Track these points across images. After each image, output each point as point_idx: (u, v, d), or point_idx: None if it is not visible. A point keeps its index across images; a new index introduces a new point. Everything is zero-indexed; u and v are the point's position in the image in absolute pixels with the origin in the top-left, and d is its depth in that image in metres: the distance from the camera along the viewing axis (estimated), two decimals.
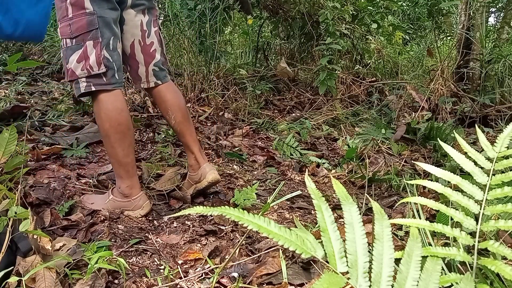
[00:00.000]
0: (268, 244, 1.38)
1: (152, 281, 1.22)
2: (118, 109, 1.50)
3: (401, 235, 1.45)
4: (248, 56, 4.76)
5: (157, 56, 1.70)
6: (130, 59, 1.68)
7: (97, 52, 1.45)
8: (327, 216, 0.81)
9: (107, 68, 1.47)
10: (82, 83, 1.47)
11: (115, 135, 1.50)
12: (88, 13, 1.44)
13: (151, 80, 1.71)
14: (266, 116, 3.40)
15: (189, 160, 1.80)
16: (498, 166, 0.94)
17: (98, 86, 1.48)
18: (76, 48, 1.45)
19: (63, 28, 1.47)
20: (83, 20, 1.44)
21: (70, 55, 1.46)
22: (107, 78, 1.48)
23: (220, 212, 0.79)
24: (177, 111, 1.73)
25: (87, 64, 1.45)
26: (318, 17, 3.72)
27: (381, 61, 4.62)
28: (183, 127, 1.75)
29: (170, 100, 1.73)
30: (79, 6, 1.44)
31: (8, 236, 1.06)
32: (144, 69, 1.69)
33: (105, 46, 1.47)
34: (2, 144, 1.11)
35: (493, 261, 0.78)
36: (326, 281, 0.67)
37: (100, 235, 1.45)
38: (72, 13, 1.45)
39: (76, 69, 1.46)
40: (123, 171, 1.57)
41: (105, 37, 1.47)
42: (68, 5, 1.44)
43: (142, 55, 1.67)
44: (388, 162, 2.38)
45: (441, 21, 5.75)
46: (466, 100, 3.62)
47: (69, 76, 1.48)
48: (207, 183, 1.75)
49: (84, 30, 1.44)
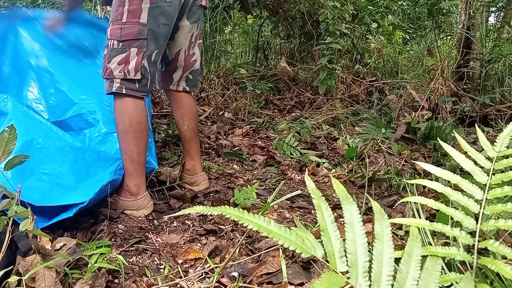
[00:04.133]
0: (268, 243, 1.38)
1: (152, 280, 1.22)
2: (139, 109, 1.58)
3: (401, 235, 1.45)
4: (248, 56, 4.75)
5: (196, 65, 1.82)
6: (171, 63, 1.79)
7: (138, 60, 1.53)
8: (327, 215, 0.81)
9: (142, 76, 1.55)
10: (115, 84, 1.54)
11: (133, 132, 1.56)
12: (141, 24, 1.52)
13: (181, 84, 1.82)
14: (266, 116, 3.40)
15: (187, 164, 1.92)
16: (498, 166, 0.94)
17: (129, 91, 1.55)
18: (121, 51, 1.52)
19: (114, 30, 1.53)
20: (135, 28, 1.52)
21: (114, 56, 1.53)
22: (140, 85, 1.56)
23: (220, 211, 0.79)
24: (192, 119, 1.86)
25: (126, 68, 1.52)
26: (318, 16, 3.72)
27: (381, 61, 4.62)
28: (192, 134, 1.87)
29: (188, 107, 1.85)
30: (135, 15, 1.52)
31: (8, 235, 1.06)
32: (180, 74, 1.80)
33: (147, 57, 1.55)
34: (2, 144, 1.10)
35: (493, 260, 0.78)
36: (326, 280, 0.67)
37: (100, 234, 1.45)
38: (126, 19, 1.52)
39: (115, 69, 1.53)
40: (134, 169, 1.60)
41: (149, 49, 1.55)
42: (125, 11, 1.52)
43: (183, 62, 1.79)
44: (388, 162, 2.38)
45: (441, 20, 5.75)
46: (466, 99, 3.62)
47: (107, 74, 1.55)
48: (198, 190, 1.91)
49: (133, 37, 1.52)
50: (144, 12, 1.51)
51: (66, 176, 1.58)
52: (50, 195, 1.48)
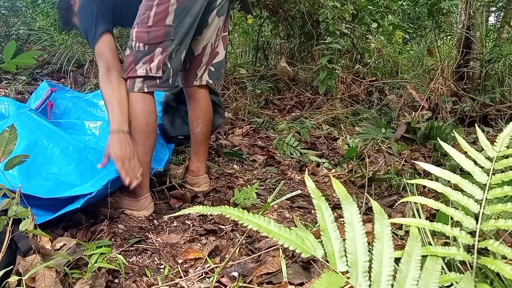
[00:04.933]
0: (268, 243, 1.38)
1: (152, 280, 1.22)
2: (149, 110, 1.58)
3: (401, 235, 1.45)
4: (248, 56, 4.75)
5: (218, 57, 1.81)
6: (195, 58, 1.77)
7: (161, 58, 1.54)
8: (327, 215, 0.81)
9: (163, 73, 1.55)
10: (137, 84, 1.55)
11: (140, 133, 1.56)
12: (167, 25, 1.52)
13: (204, 78, 1.81)
14: (266, 116, 3.40)
15: (192, 166, 1.92)
16: (498, 166, 0.94)
17: (151, 88, 1.56)
18: (147, 53, 1.54)
19: (140, 33, 1.54)
20: (161, 30, 1.52)
21: (140, 58, 1.54)
22: (160, 81, 1.57)
23: (220, 211, 0.79)
24: (207, 122, 1.86)
25: (149, 66, 1.53)
26: (318, 16, 3.72)
27: (381, 61, 4.62)
28: (204, 137, 1.88)
29: (204, 110, 1.85)
30: (162, 18, 1.52)
31: (8, 235, 1.06)
32: (204, 68, 1.79)
33: (169, 54, 1.55)
34: (2, 144, 1.10)
35: (493, 260, 0.78)
36: (326, 280, 0.67)
37: (100, 234, 1.45)
38: (152, 23, 1.52)
39: (139, 68, 1.53)
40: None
41: (172, 47, 1.55)
42: (152, 14, 1.52)
43: (208, 56, 1.77)
44: (388, 162, 2.38)
45: (441, 20, 5.75)
46: (466, 99, 3.62)
47: (129, 73, 1.55)
48: (198, 191, 1.91)
49: (160, 40, 1.53)
50: (171, 14, 1.52)
51: (71, 176, 1.58)
52: (57, 190, 1.48)
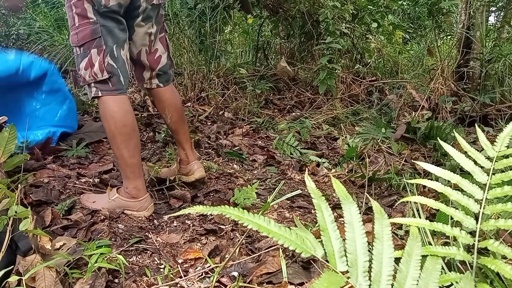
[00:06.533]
0: (268, 243, 1.38)
1: (152, 280, 1.22)
2: (123, 111, 1.55)
3: (401, 234, 1.45)
4: (248, 55, 4.75)
5: (162, 60, 1.77)
6: (136, 63, 1.77)
7: (100, 60, 1.51)
8: (327, 215, 0.81)
9: (111, 74, 1.53)
10: (92, 88, 1.55)
11: (120, 136, 1.54)
12: (91, 22, 1.50)
13: (153, 82, 1.79)
14: (266, 115, 3.39)
15: (180, 155, 1.92)
16: (498, 165, 0.94)
17: (104, 92, 1.54)
18: (83, 55, 1.52)
19: (72, 36, 1.54)
20: (88, 29, 1.50)
21: (80, 63, 1.53)
22: (112, 84, 1.54)
23: (220, 211, 0.79)
24: (174, 111, 1.82)
25: (92, 71, 1.52)
26: (318, 16, 3.72)
27: (381, 60, 4.62)
28: (178, 126, 1.85)
29: (167, 101, 1.82)
30: (83, 15, 1.50)
31: (8, 235, 1.06)
32: (149, 73, 1.78)
33: (108, 53, 1.52)
34: (2, 144, 1.11)
35: (493, 260, 0.79)
36: (326, 280, 0.67)
37: (100, 234, 1.45)
38: (78, 22, 1.51)
39: (85, 75, 1.53)
40: (130, 172, 1.59)
41: (108, 45, 1.52)
42: (75, 14, 1.51)
43: (147, 61, 1.75)
44: (388, 161, 2.38)
45: (441, 20, 5.74)
46: (466, 99, 3.62)
47: (82, 81, 1.56)
48: (194, 179, 1.89)
49: (89, 39, 1.51)
50: (89, 10, 1.50)
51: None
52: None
